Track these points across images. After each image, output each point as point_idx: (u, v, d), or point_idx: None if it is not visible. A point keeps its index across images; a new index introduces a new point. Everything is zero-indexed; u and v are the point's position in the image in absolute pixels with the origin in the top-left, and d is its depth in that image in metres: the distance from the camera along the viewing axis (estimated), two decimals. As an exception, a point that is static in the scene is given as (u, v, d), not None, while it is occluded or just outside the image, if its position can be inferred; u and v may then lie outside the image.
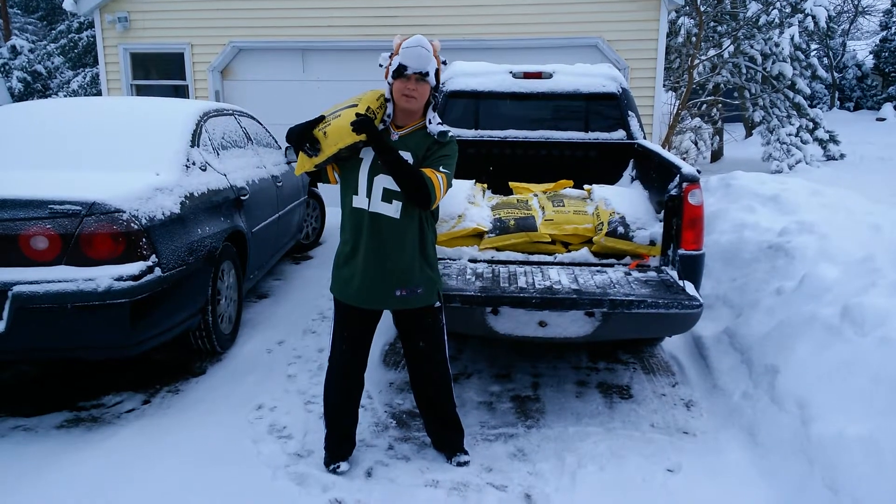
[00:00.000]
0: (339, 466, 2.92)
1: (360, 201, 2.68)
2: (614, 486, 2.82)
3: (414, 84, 2.59)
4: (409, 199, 2.62)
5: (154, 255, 3.29)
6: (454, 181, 3.21)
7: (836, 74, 25.83)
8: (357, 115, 2.56)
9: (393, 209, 2.65)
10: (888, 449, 2.51)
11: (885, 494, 2.41)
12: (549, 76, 4.87)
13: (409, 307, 2.79)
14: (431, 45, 2.65)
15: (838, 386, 2.97)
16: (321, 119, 2.65)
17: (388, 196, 2.65)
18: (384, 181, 2.64)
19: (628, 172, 4.85)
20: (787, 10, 14.35)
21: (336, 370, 2.94)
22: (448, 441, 3.07)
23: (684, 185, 3.45)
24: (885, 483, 2.44)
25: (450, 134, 2.72)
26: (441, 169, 2.64)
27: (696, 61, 12.91)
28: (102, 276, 3.11)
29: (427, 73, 2.59)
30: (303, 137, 2.63)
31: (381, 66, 2.70)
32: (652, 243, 3.80)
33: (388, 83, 2.66)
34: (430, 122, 2.71)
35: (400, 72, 2.58)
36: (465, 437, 3.12)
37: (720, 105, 15.33)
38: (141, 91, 9.70)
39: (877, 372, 2.86)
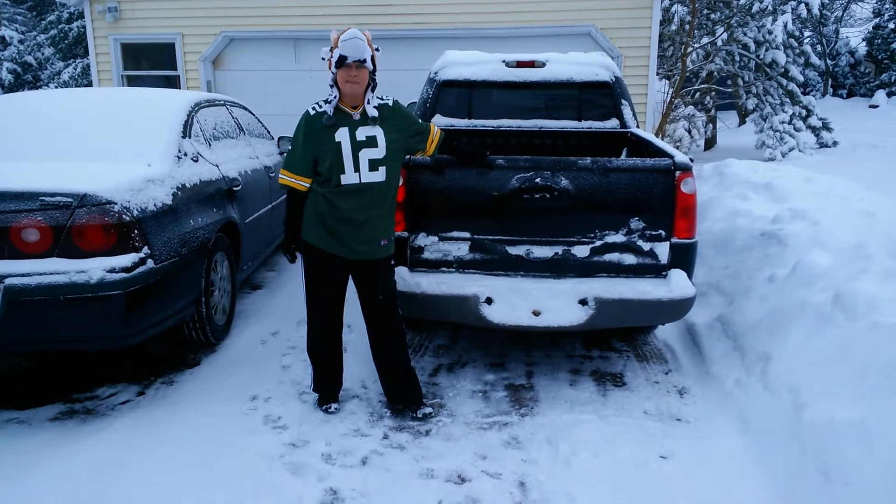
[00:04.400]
0: (330, 407, 3.35)
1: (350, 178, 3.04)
2: (608, 472, 2.83)
3: (355, 71, 2.96)
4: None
5: (146, 247, 3.28)
6: None
7: (829, 62, 25.85)
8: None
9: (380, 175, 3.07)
10: (879, 434, 2.53)
11: (875, 478, 2.43)
12: (542, 65, 4.85)
13: (384, 255, 3.20)
14: (364, 35, 2.99)
15: (830, 372, 2.99)
16: None
17: (374, 165, 3.05)
18: (369, 154, 3.04)
19: (621, 161, 4.85)
20: (780, -2, 14.33)
21: (323, 319, 3.27)
22: (411, 394, 3.34)
23: (677, 173, 3.46)
24: (875, 467, 2.46)
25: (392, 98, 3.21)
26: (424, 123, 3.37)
27: (690, 49, 12.89)
28: (94, 268, 3.09)
29: (365, 60, 2.97)
30: None
31: (323, 58, 3.06)
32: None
33: (332, 73, 3.01)
34: (367, 102, 3.07)
35: (342, 62, 2.95)
36: (458, 426, 3.19)
37: (713, 93, 15.34)
38: (132, 82, 9.65)
39: (868, 358, 2.88)
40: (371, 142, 3.04)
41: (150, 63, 9.66)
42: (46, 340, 3.20)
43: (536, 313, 3.36)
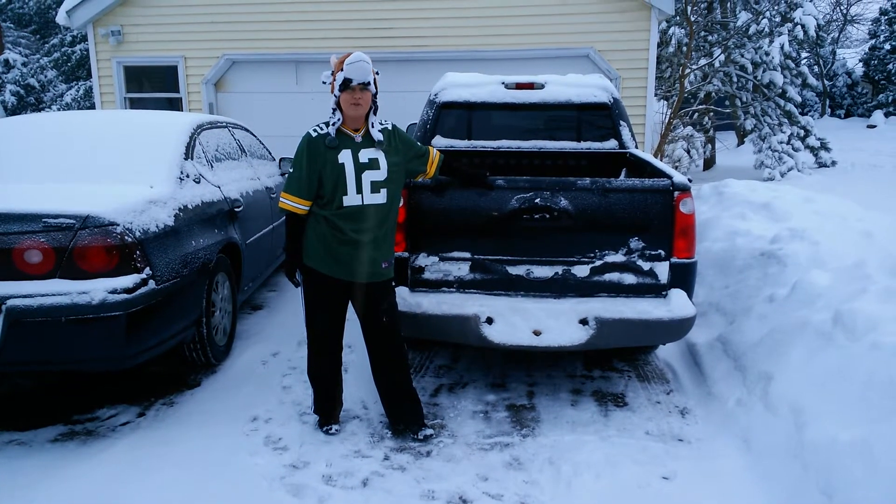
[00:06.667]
0: (331, 428, 3.36)
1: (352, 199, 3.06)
2: (610, 494, 2.82)
3: (359, 93, 2.99)
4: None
5: (148, 268, 3.29)
6: None
7: (826, 82, 26.02)
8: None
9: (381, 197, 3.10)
10: (881, 453, 2.53)
11: (878, 499, 2.42)
12: (541, 86, 4.89)
13: (386, 277, 3.21)
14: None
15: (831, 391, 2.98)
16: None
17: (376, 187, 3.06)
18: (371, 176, 3.07)
19: (621, 181, 4.87)
20: (776, 20, 14.49)
21: (323, 343, 3.27)
22: (412, 415, 3.33)
23: (676, 193, 3.48)
24: (878, 487, 2.45)
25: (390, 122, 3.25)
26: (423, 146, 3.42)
27: (688, 70, 13.00)
28: (96, 289, 3.10)
29: (369, 83, 3.00)
30: None
31: (324, 83, 3.08)
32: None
33: (335, 96, 3.02)
34: (372, 126, 3.11)
35: (346, 84, 2.97)
36: (460, 446, 3.18)
37: (712, 114, 15.43)
38: (134, 104, 9.72)
39: (869, 377, 2.88)
40: (373, 164, 3.06)
41: (153, 85, 9.74)
42: (47, 361, 3.20)
43: (537, 333, 3.37)
